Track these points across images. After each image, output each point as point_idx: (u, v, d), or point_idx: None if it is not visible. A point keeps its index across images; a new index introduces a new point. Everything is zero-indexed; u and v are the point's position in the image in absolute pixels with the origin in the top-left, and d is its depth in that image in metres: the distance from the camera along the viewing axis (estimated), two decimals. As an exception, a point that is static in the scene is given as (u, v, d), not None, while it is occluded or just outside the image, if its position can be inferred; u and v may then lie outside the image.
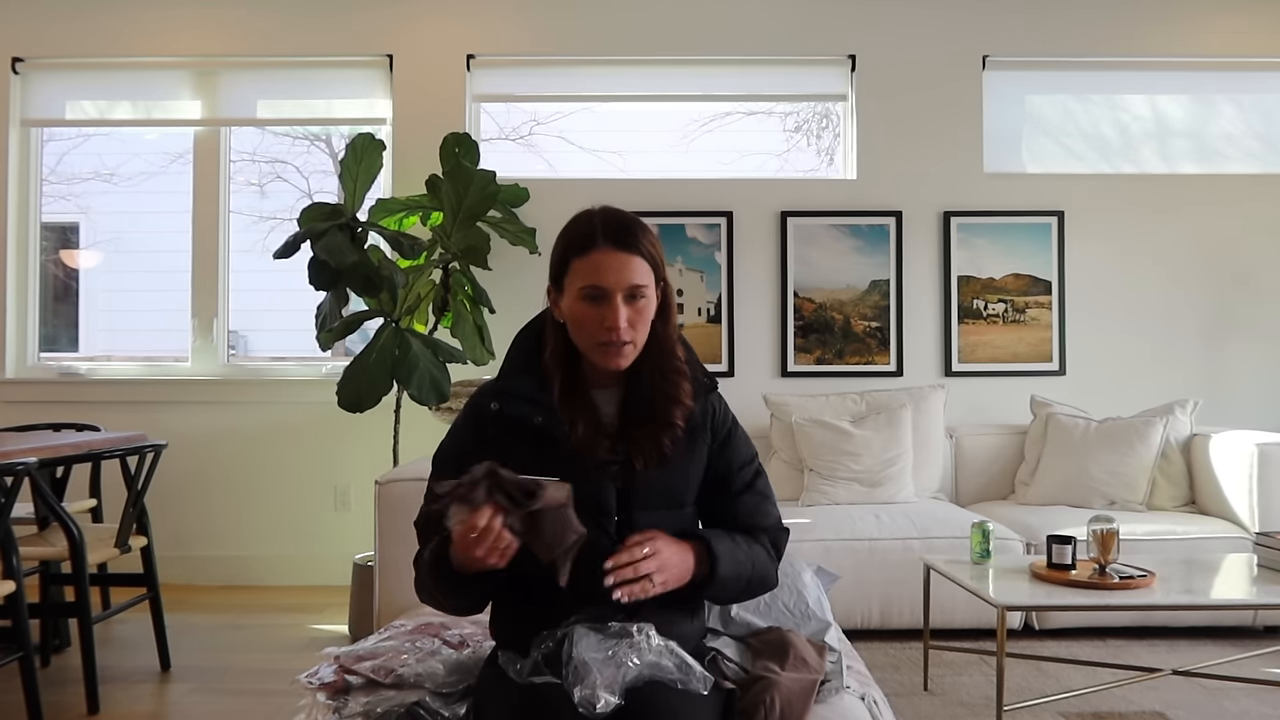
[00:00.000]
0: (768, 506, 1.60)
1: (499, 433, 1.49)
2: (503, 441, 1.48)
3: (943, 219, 4.53)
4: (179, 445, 4.35)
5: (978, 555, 2.91)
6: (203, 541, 4.50)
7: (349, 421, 3.87)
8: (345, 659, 1.66)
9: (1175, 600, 2.60)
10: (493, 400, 1.50)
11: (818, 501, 3.81)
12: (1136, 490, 3.82)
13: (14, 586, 2.55)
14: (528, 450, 1.46)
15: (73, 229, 5.90)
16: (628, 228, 1.45)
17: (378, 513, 2.61)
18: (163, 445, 3.28)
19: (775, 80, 4.68)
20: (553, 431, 1.46)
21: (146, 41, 4.57)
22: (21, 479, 2.59)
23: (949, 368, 4.51)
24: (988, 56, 4.57)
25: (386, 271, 3.55)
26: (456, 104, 4.52)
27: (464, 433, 1.53)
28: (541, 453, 1.46)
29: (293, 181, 5.51)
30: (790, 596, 1.86)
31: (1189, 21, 4.58)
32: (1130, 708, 2.76)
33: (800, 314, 4.52)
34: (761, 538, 1.56)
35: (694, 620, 1.57)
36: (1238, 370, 4.53)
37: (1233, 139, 4.67)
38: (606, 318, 1.42)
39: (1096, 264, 4.53)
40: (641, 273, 1.44)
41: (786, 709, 1.44)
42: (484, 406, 1.50)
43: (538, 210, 4.28)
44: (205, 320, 4.62)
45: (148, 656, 3.26)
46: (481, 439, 1.50)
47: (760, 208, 4.54)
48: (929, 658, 3.03)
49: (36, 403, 4.46)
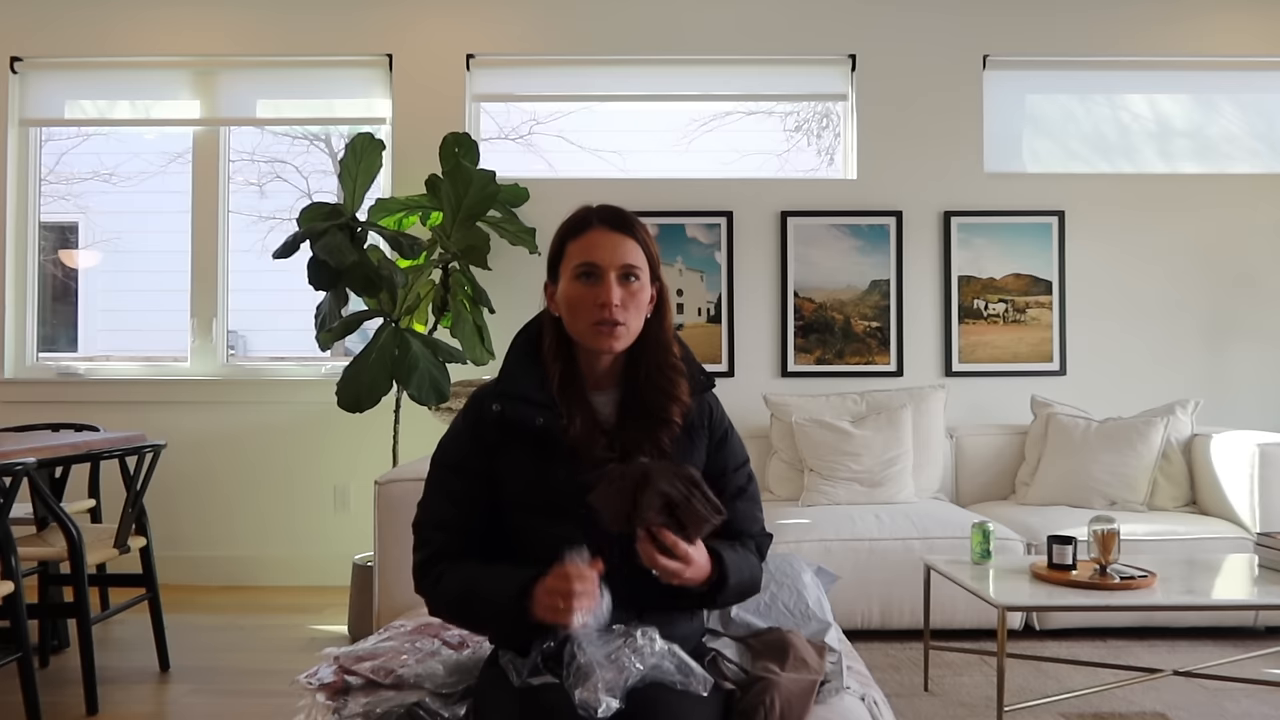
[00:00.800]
0: (757, 513, 1.62)
1: (500, 435, 1.48)
2: (503, 443, 1.48)
3: (943, 219, 4.52)
4: (178, 445, 4.35)
5: (978, 555, 2.90)
6: (202, 542, 4.50)
7: (349, 421, 3.86)
8: (345, 659, 1.66)
9: (1176, 601, 2.59)
10: (494, 402, 1.49)
11: (818, 502, 3.81)
12: (1137, 490, 3.82)
13: (13, 587, 2.54)
14: (528, 451, 1.46)
15: (72, 229, 5.90)
16: (623, 215, 1.50)
17: (377, 513, 2.60)
18: (162, 445, 3.28)
19: (775, 80, 4.68)
20: (554, 433, 1.46)
21: (145, 41, 4.56)
22: (20, 479, 2.58)
23: (949, 368, 4.50)
24: (988, 56, 4.57)
25: (386, 271, 3.55)
26: (456, 104, 4.52)
27: (464, 436, 1.52)
28: (542, 454, 1.46)
29: (292, 181, 5.50)
30: (790, 597, 1.86)
31: (1189, 21, 4.58)
32: (1131, 708, 2.75)
33: (800, 314, 4.51)
34: (750, 544, 1.57)
35: (693, 620, 1.57)
36: (1239, 370, 4.52)
37: (1233, 139, 4.67)
38: (600, 295, 1.44)
39: (1097, 264, 4.53)
40: (635, 255, 1.47)
41: (786, 709, 1.44)
42: (485, 409, 1.50)
43: (538, 210, 4.27)
44: (204, 320, 4.62)
45: (147, 657, 3.25)
46: (482, 442, 1.49)
47: (760, 208, 4.53)
48: (929, 658, 3.02)
49: (35, 403, 4.45)
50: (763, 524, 1.63)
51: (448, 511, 1.50)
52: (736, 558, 1.49)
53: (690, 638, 1.53)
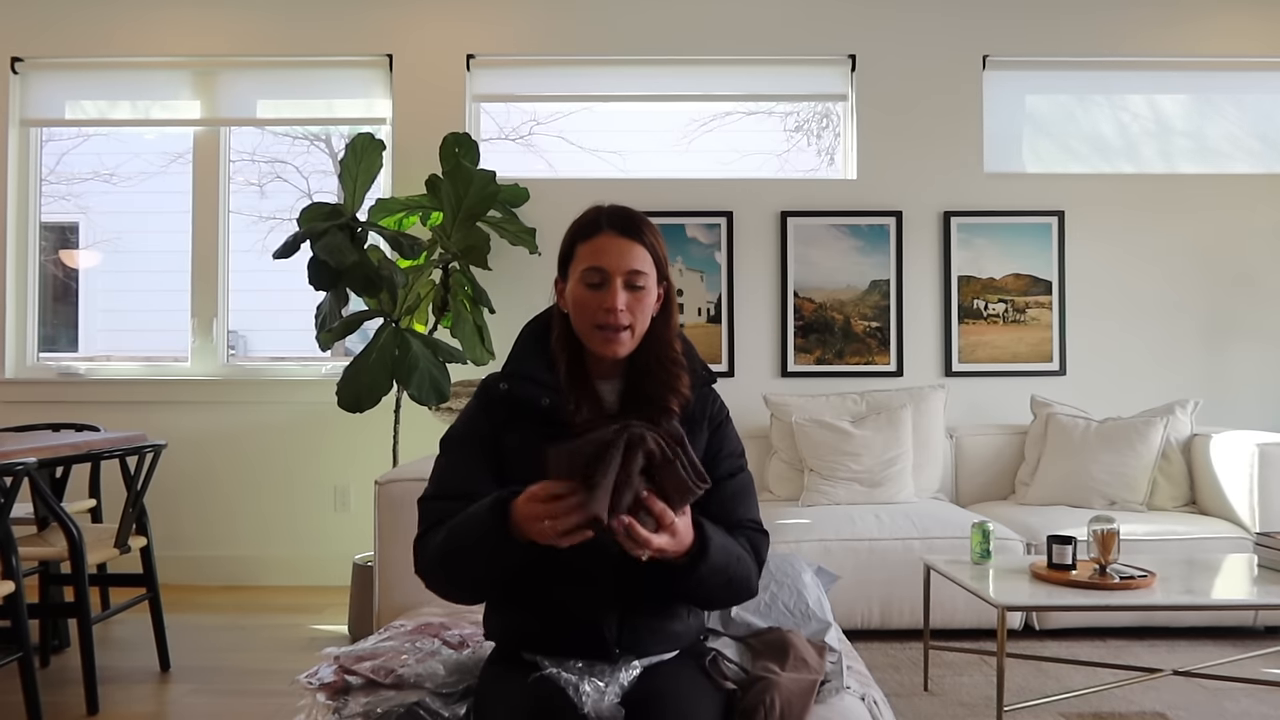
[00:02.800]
0: (749, 501, 1.58)
1: (508, 413, 1.51)
2: (510, 421, 1.50)
3: (943, 219, 4.52)
4: (178, 445, 4.35)
5: (978, 555, 2.90)
6: (202, 542, 4.50)
7: (349, 421, 3.87)
8: (345, 659, 1.66)
9: (1176, 600, 2.59)
10: (502, 381, 1.53)
11: (818, 502, 3.81)
12: (1137, 490, 3.82)
13: (13, 587, 2.54)
14: (534, 431, 1.47)
15: (72, 229, 5.91)
16: (632, 219, 1.51)
17: (377, 513, 2.60)
18: (162, 445, 3.28)
19: (775, 80, 4.68)
20: (560, 413, 1.48)
21: (146, 41, 4.57)
22: (21, 479, 2.59)
23: (949, 368, 4.50)
24: (988, 56, 4.57)
25: (386, 271, 3.55)
26: (456, 104, 4.52)
27: (477, 415, 1.55)
28: (547, 435, 1.46)
29: (292, 181, 5.51)
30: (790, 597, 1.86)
31: (1189, 21, 4.58)
32: (1131, 708, 2.76)
33: (800, 314, 4.52)
34: (739, 535, 1.52)
35: (689, 617, 1.55)
36: (1238, 370, 4.52)
37: (1233, 139, 4.67)
38: (605, 300, 1.46)
39: (1097, 264, 4.53)
40: (642, 261, 1.48)
41: (786, 709, 1.44)
42: (494, 388, 1.54)
43: (538, 210, 4.28)
44: (205, 320, 4.62)
45: (147, 657, 3.26)
46: (491, 418, 1.52)
47: (760, 208, 4.53)
48: (929, 658, 3.02)
49: (36, 403, 4.45)
50: (757, 517, 1.58)
51: (451, 481, 1.51)
52: (720, 534, 1.44)
53: (685, 635, 1.53)
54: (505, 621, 1.51)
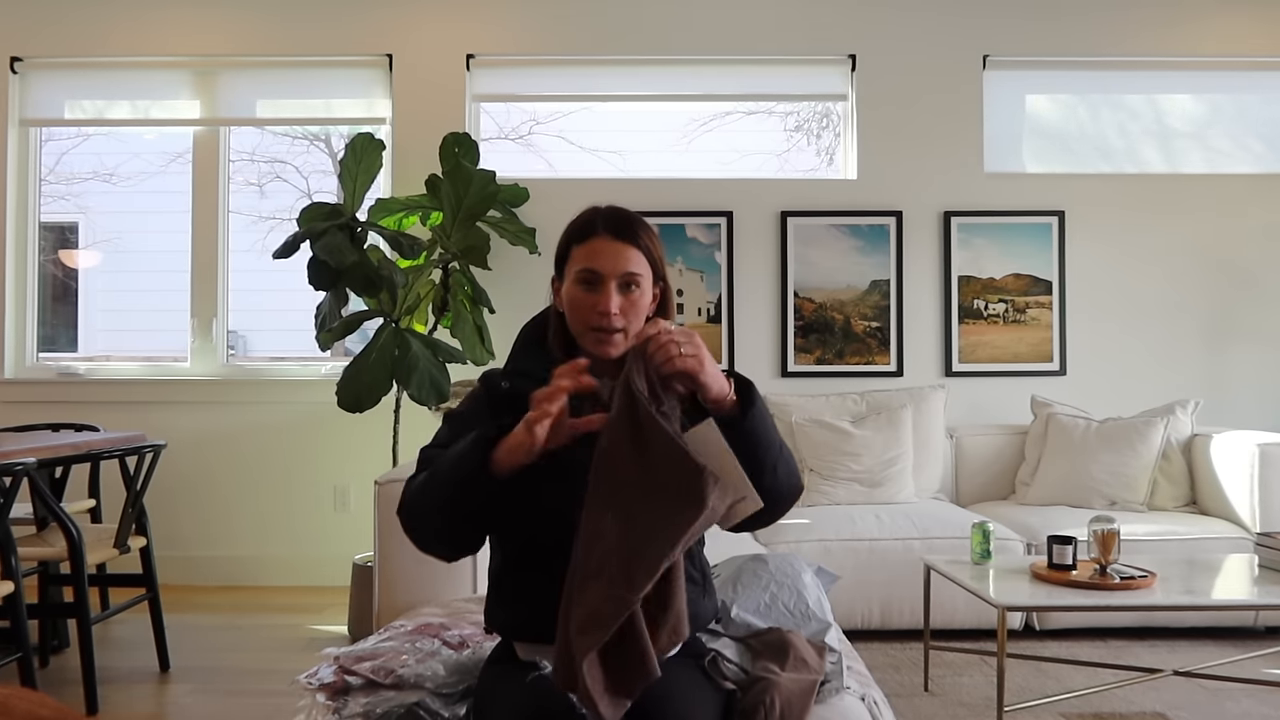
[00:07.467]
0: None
1: (509, 411, 1.50)
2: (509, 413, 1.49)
3: (943, 219, 4.52)
4: (178, 445, 4.35)
5: (978, 555, 2.90)
6: (202, 542, 4.50)
7: (349, 421, 3.86)
8: (345, 659, 1.66)
9: (1176, 601, 2.59)
10: (504, 380, 1.56)
11: (818, 502, 3.81)
12: (1137, 490, 3.82)
13: (13, 587, 2.54)
14: None
15: (72, 229, 5.91)
16: (627, 221, 1.51)
17: (377, 513, 2.60)
18: (162, 445, 3.28)
19: (775, 80, 4.68)
20: None
21: (145, 41, 4.56)
22: (20, 479, 2.59)
23: (949, 368, 4.50)
24: (988, 56, 4.57)
25: (386, 271, 3.55)
26: (456, 104, 4.52)
27: (481, 403, 1.57)
28: None
29: (292, 181, 5.51)
30: (790, 597, 1.86)
31: (1189, 22, 4.58)
32: (1131, 708, 2.75)
33: (800, 314, 4.51)
34: None
35: (706, 599, 1.56)
36: (1238, 370, 4.52)
37: (1234, 139, 4.67)
38: (599, 303, 1.47)
39: (1097, 264, 4.53)
40: (636, 263, 1.49)
41: (786, 709, 1.44)
42: (494, 385, 1.56)
43: (538, 210, 4.27)
44: (204, 320, 4.62)
45: (147, 657, 3.25)
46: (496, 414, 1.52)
47: (760, 208, 4.53)
48: (929, 658, 3.02)
49: (35, 403, 4.45)
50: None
51: (447, 436, 1.54)
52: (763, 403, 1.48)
53: (701, 617, 1.53)
54: (511, 613, 1.50)
